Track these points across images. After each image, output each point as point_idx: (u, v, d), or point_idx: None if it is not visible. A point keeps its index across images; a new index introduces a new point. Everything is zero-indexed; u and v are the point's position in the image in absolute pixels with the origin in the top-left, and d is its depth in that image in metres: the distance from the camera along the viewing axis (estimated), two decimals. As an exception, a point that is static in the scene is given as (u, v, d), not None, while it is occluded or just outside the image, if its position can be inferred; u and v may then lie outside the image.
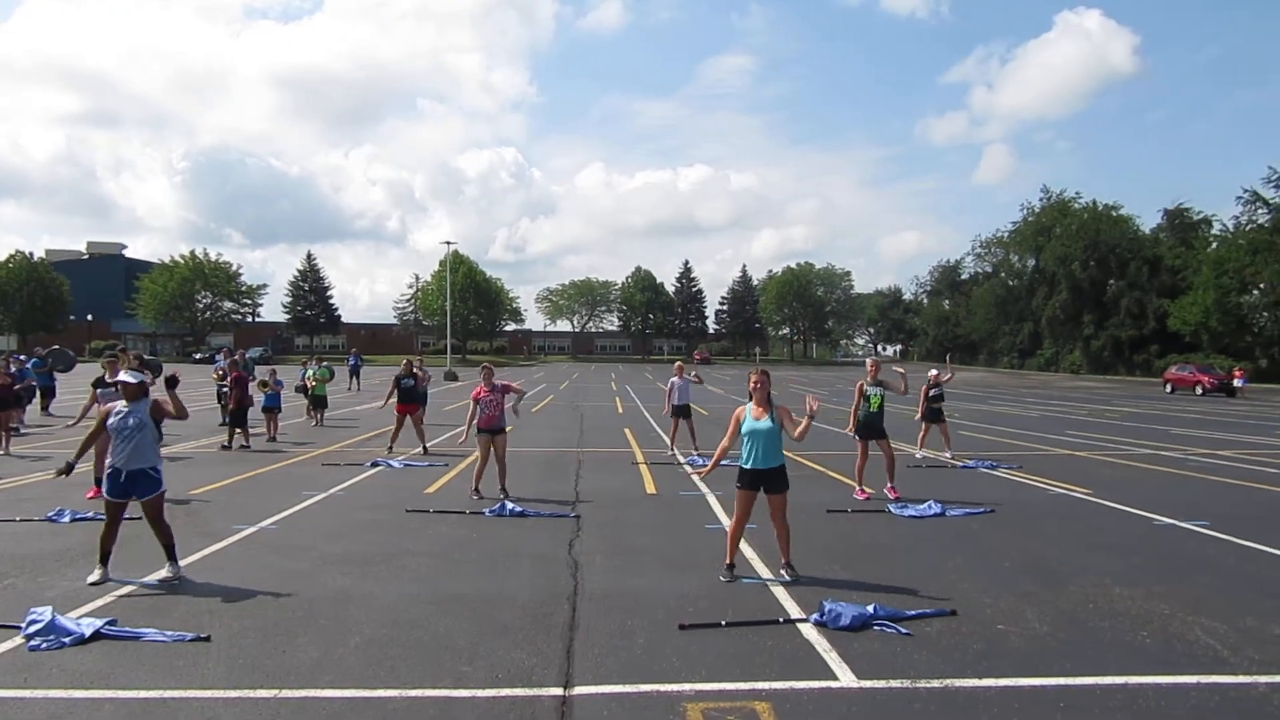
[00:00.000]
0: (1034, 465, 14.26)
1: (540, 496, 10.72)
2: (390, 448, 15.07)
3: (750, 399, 6.99)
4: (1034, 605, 6.33)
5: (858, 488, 11.02)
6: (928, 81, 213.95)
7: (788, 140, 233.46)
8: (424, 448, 15.20)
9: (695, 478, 12.45)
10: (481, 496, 10.53)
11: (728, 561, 7.07)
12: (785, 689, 4.71)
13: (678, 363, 17.17)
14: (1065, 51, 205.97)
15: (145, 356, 13.75)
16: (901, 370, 12.12)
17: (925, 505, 9.97)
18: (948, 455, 14.76)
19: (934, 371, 15.42)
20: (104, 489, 6.92)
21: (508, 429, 11.24)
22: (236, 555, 7.68)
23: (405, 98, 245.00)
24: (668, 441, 16.07)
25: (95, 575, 6.76)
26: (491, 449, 10.69)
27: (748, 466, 6.90)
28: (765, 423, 6.88)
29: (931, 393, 14.89)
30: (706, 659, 5.14)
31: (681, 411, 15.62)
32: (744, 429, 6.95)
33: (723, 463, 7.78)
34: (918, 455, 14.89)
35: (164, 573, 6.89)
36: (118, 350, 13.90)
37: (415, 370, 16.26)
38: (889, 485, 10.89)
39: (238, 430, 15.80)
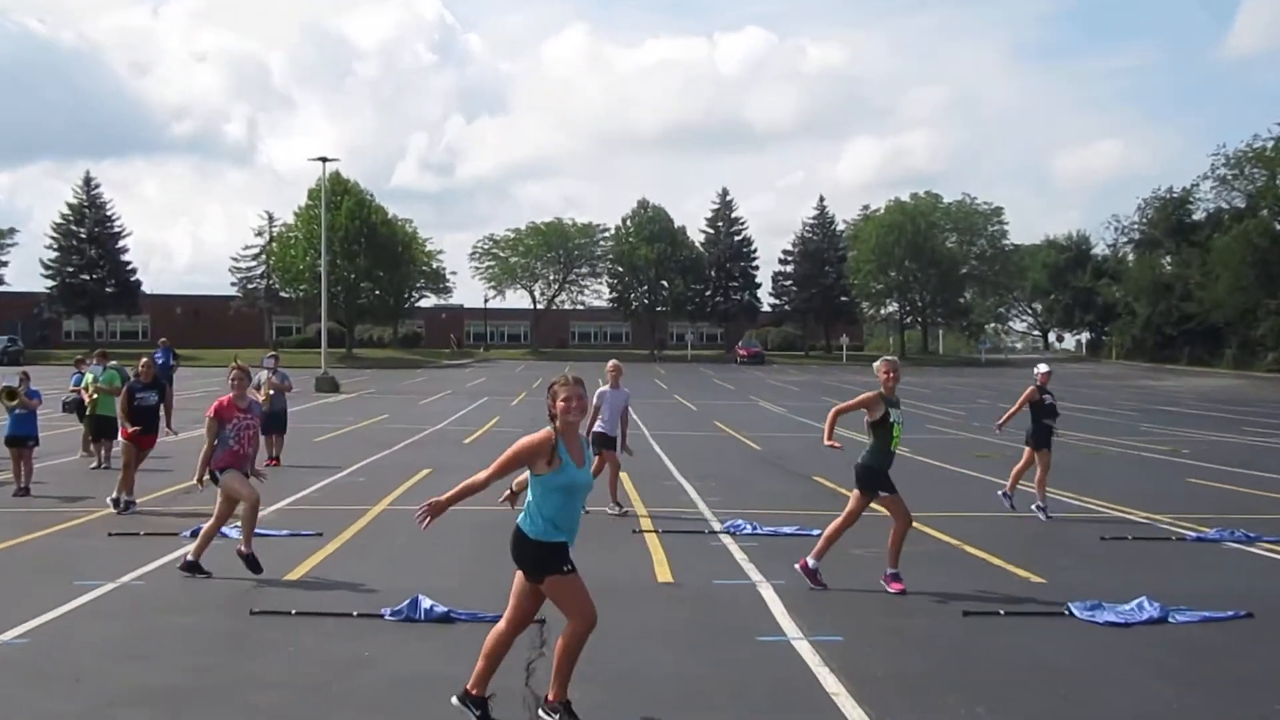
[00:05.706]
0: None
1: (477, 587, 6.87)
2: (122, 495, 9.64)
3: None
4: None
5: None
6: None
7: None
8: (123, 498, 9.55)
9: (741, 556, 8.40)
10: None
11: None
12: None
13: (611, 361, 11.02)
14: None
15: None
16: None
17: (1133, 605, 6.47)
18: (1038, 504, 10.36)
19: (1043, 369, 10.99)
20: None
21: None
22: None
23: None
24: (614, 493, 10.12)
25: None
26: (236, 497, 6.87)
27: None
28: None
29: (1045, 399, 10.47)
30: None
31: (605, 442, 9.84)
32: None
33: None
34: (1001, 494, 10.45)
35: None
36: None
37: (156, 373, 10.74)
38: (887, 573, 6.98)
39: None
